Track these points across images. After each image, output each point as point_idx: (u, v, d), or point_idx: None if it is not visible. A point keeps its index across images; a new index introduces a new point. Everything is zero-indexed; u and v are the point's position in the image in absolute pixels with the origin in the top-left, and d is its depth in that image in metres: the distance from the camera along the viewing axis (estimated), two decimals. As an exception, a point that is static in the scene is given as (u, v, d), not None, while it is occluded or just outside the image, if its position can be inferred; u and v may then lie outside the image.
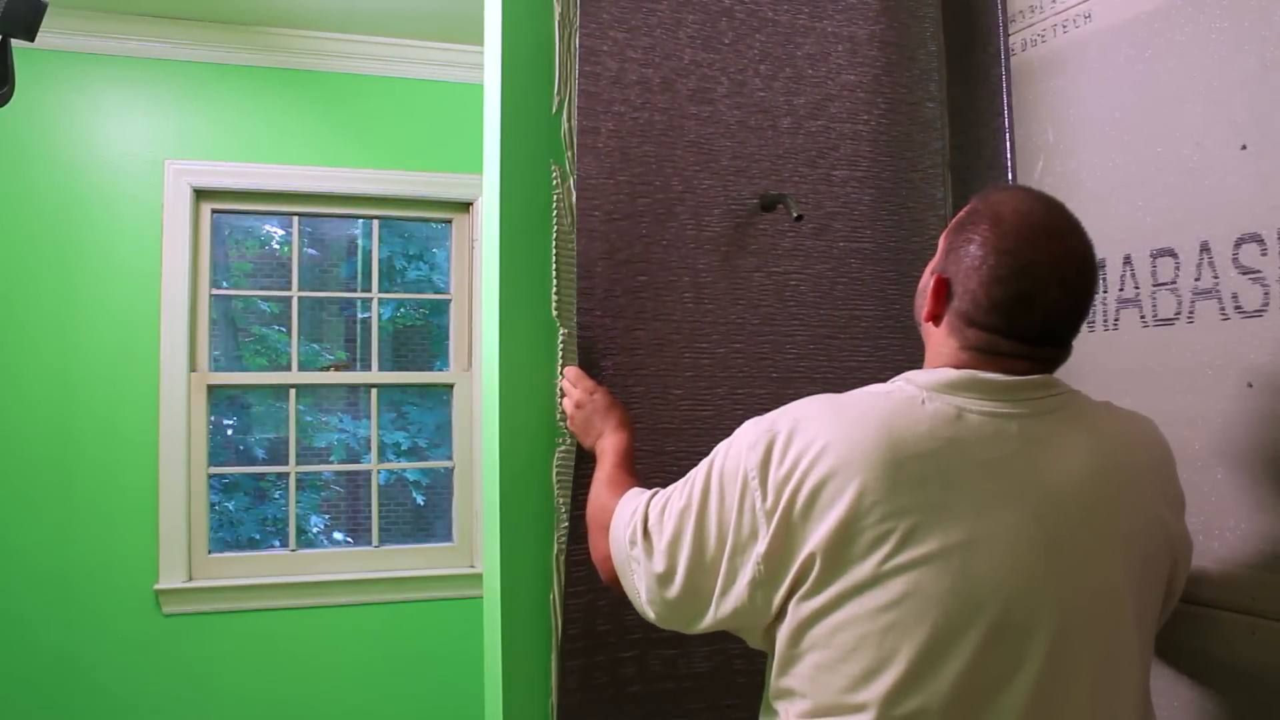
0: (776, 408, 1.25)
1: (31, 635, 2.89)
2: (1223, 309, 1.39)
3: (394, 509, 4.66)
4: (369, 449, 3.41)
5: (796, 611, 1.12)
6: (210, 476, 3.17)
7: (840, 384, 1.90)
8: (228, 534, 4.40)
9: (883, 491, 1.07)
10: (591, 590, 1.73)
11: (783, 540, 1.12)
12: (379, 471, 3.44)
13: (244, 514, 4.59)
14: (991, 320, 1.16)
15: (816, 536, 1.09)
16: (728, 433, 1.31)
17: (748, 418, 1.83)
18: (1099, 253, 1.62)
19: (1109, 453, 1.17)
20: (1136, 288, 1.55)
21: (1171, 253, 1.48)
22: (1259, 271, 1.33)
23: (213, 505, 3.33)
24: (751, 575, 1.15)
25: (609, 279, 1.77)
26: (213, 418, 3.39)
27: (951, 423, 1.12)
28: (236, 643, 3.06)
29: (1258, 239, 1.33)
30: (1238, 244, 1.36)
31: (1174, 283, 1.48)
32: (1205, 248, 1.42)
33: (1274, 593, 1.34)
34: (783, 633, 1.14)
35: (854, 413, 1.15)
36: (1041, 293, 1.15)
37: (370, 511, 3.38)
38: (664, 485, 1.29)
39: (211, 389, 3.18)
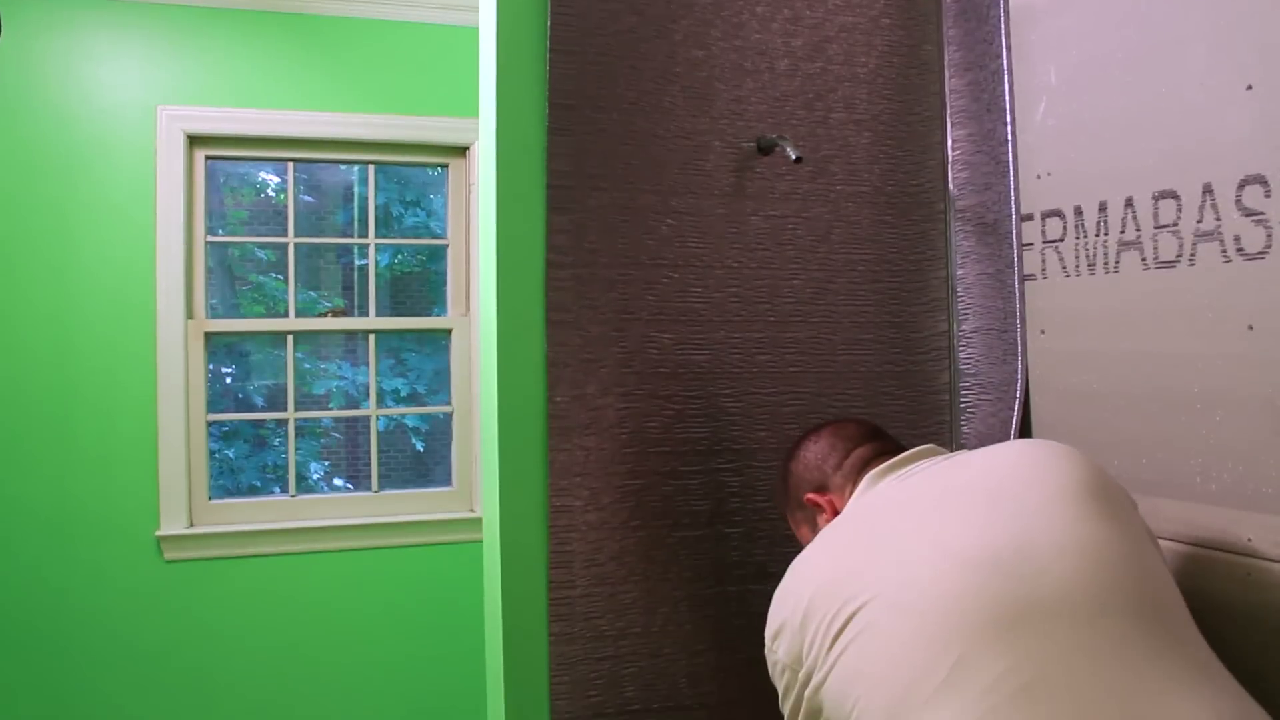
0: (773, 352, 1.28)
1: (34, 583, 2.90)
2: (1224, 251, 1.38)
3: (394, 455, 4.68)
4: (368, 396, 3.41)
5: None
6: (210, 424, 3.17)
7: (837, 328, 1.90)
8: (228, 481, 4.41)
9: None
10: (585, 540, 1.74)
11: None
12: (378, 418, 3.45)
13: (244, 461, 4.60)
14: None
15: None
16: (724, 378, 1.31)
17: (744, 362, 1.83)
18: (1102, 195, 1.61)
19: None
20: (1138, 230, 1.53)
21: (1174, 195, 1.46)
22: (1262, 213, 1.32)
23: (213, 453, 3.34)
24: None
25: (604, 223, 1.76)
26: (211, 366, 3.38)
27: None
28: (238, 588, 3.08)
29: (1261, 180, 1.31)
30: (1241, 185, 1.35)
31: (1175, 225, 1.46)
32: (1208, 189, 1.40)
33: (1269, 535, 1.33)
34: None
35: None
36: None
37: (370, 458, 3.38)
38: (657, 431, 1.28)
39: (209, 336, 3.17)
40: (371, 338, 3.42)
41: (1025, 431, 1.80)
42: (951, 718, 1.05)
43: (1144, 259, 1.52)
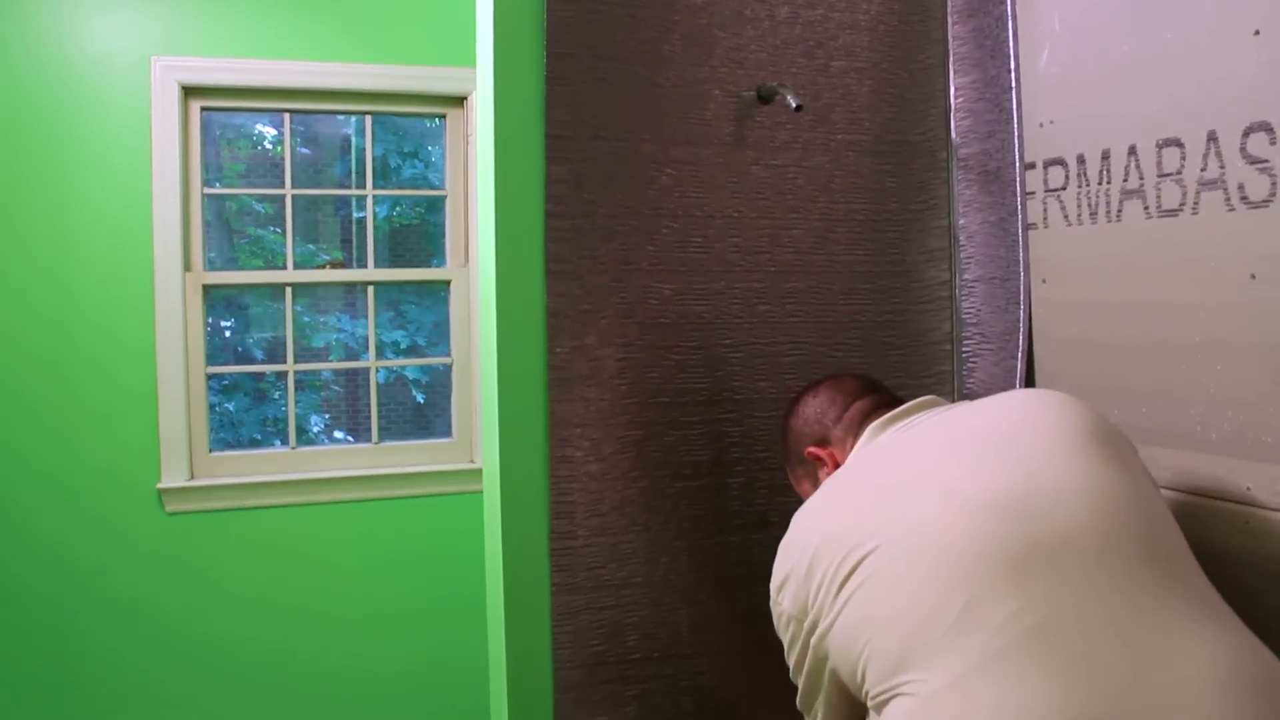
0: (773, 302, 1.28)
1: (36, 538, 2.91)
2: (1228, 200, 1.37)
3: (394, 408, 4.69)
4: (367, 348, 3.41)
5: None
6: (209, 377, 3.17)
7: (837, 278, 1.90)
8: (229, 435, 4.43)
9: None
10: (587, 491, 1.75)
11: None
12: (377, 369, 3.45)
13: (245, 415, 4.62)
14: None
15: None
16: (724, 328, 1.31)
17: (744, 313, 1.83)
18: (1105, 143, 1.60)
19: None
20: (1141, 179, 1.52)
21: (1178, 143, 1.45)
22: (1267, 161, 1.30)
23: (213, 407, 3.34)
24: None
25: (603, 173, 1.75)
26: (210, 320, 3.38)
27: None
28: (239, 540, 3.09)
29: (1267, 128, 1.30)
30: (1246, 133, 1.33)
31: (1179, 173, 1.45)
32: (1212, 137, 1.39)
33: (1267, 484, 1.34)
34: None
35: None
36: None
37: (370, 410, 3.39)
38: (658, 381, 1.28)
39: (207, 289, 3.16)
40: (370, 289, 3.41)
41: (1027, 381, 1.80)
42: (962, 659, 1.06)
43: (1146, 208, 1.51)
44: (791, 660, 1.35)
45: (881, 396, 1.52)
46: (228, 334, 4.29)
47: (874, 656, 1.15)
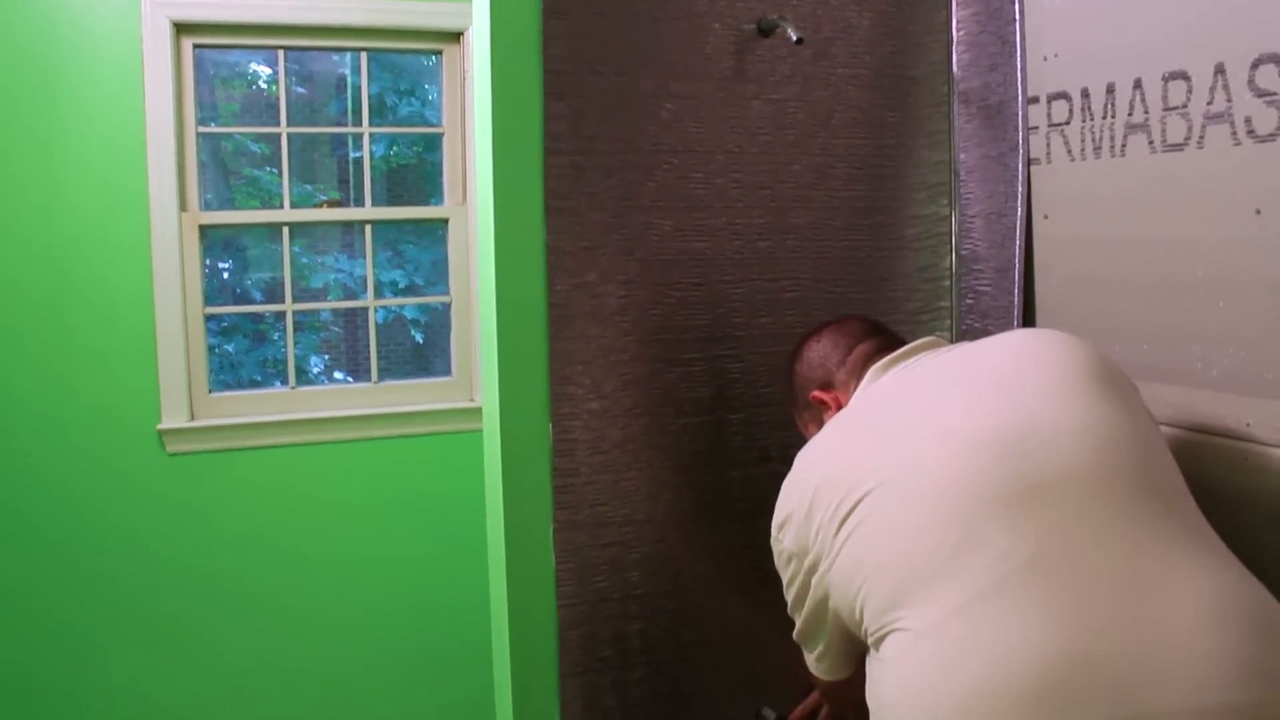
0: (773, 238, 1.28)
1: (37, 480, 2.92)
2: (1235, 133, 1.35)
3: (393, 349, 4.69)
4: (366, 288, 3.39)
5: None
6: (208, 319, 3.16)
7: (837, 213, 1.89)
8: (229, 376, 4.43)
9: None
10: (588, 428, 1.75)
11: None
12: (376, 309, 3.44)
13: (244, 356, 4.62)
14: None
15: None
16: (724, 264, 1.31)
17: (744, 248, 1.82)
18: (1110, 76, 1.58)
19: None
20: (1146, 112, 1.51)
21: (1184, 75, 1.43)
22: (1275, 94, 1.29)
23: (213, 349, 3.34)
24: None
25: (602, 108, 1.73)
26: (208, 262, 3.36)
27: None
28: (240, 480, 3.10)
29: (1276, 60, 1.29)
30: (1255, 65, 1.32)
31: (1185, 107, 1.44)
32: (1220, 69, 1.37)
33: (1267, 420, 1.34)
34: None
35: None
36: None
37: (369, 350, 3.38)
38: (659, 318, 1.28)
39: (204, 230, 3.14)
40: (368, 228, 3.39)
41: (1027, 317, 1.79)
42: (955, 594, 1.07)
43: (1151, 142, 1.50)
44: (790, 596, 1.36)
45: (885, 339, 1.52)
46: (225, 276, 4.27)
47: (871, 594, 1.16)
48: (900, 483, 1.18)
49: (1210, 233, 1.41)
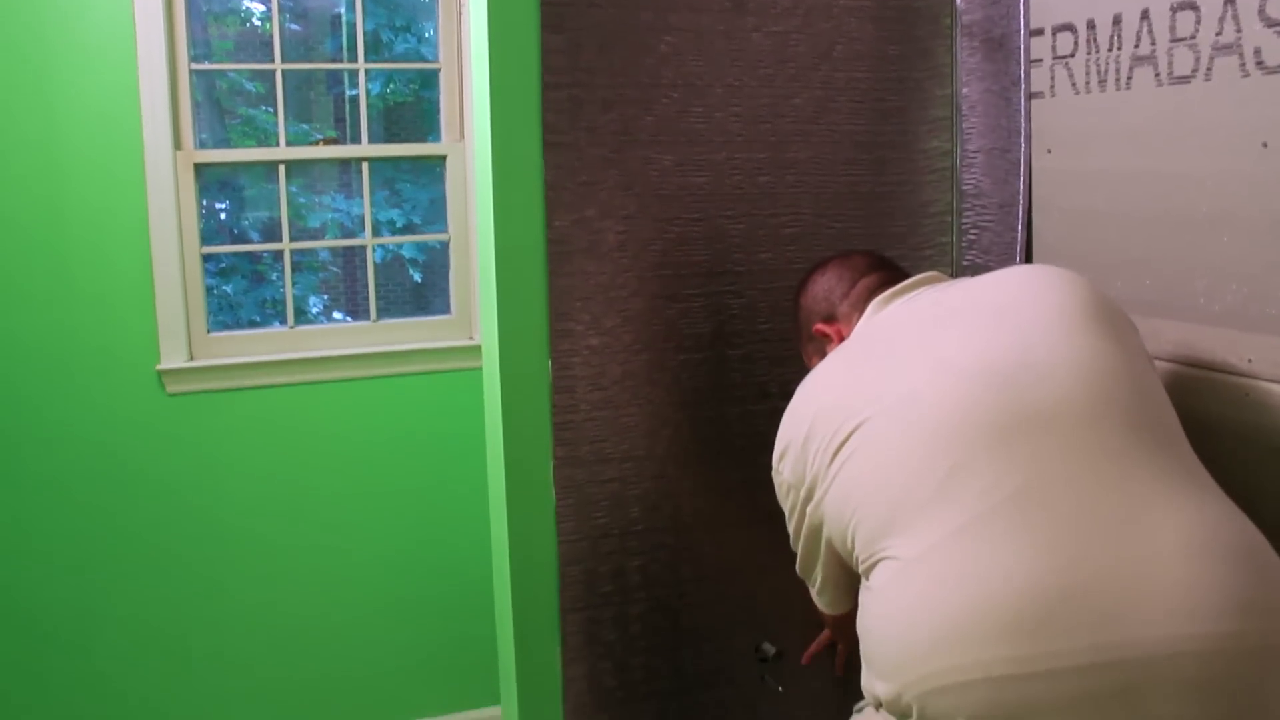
0: (774, 173, 1.27)
1: (37, 422, 2.92)
2: (1243, 65, 1.33)
3: (392, 289, 4.67)
4: (363, 227, 3.37)
5: None
6: (206, 259, 3.14)
7: (838, 148, 1.87)
8: (228, 317, 4.41)
9: None
10: (588, 365, 1.75)
11: None
12: (374, 247, 3.42)
13: (243, 297, 4.60)
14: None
15: None
16: (724, 199, 1.30)
17: (744, 183, 1.81)
18: (1116, 7, 1.55)
19: None
20: (1153, 44, 1.48)
21: (1193, 5, 1.41)
22: (1284, 23, 1.27)
23: (211, 290, 3.32)
24: None
25: (600, 41, 1.71)
26: (205, 202, 3.33)
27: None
28: (240, 420, 3.10)
29: (1286, -13, 1.27)
30: (1265, -7, 1.29)
31: (1193, 38, 1.41)
32: (1229, -1, 1.35)
33: (1269, 355, 1.34)
34: None
35: None
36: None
37: (368, 289, 3.37)
38: (658, 254, 1.27)
39: (199, 168, 3.11)
40: (365, 166, 3.36)
41: (1027, 252, 1.78)
42: (943, 523, 1.07)
43: (1158, 74, 1.48)
44: (791, 527, 1.37)
45: (888, 273, 1.52)
46: (223, 216, 4.24)
47: (862, 522, 1.17)
48: (895, 413, 1.19)
49: (1216, 167, 1.39)
